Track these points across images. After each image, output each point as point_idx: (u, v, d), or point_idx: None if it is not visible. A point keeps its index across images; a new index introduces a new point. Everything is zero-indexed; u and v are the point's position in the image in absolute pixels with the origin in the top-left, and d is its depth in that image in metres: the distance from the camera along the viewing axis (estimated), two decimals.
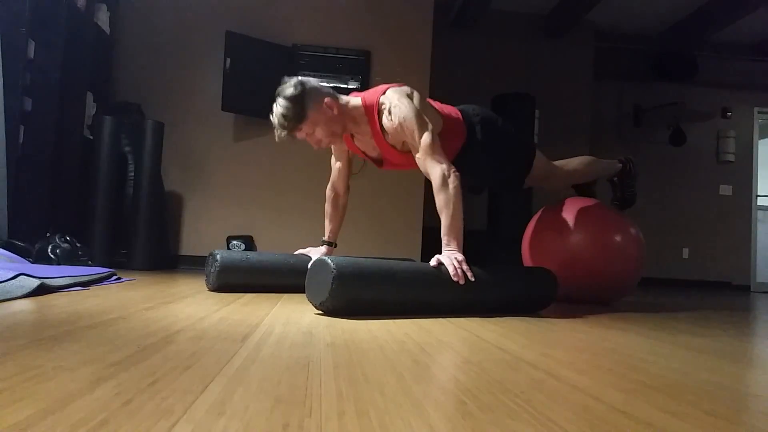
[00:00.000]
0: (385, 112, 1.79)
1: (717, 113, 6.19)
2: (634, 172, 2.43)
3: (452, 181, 1.69)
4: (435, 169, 1.71)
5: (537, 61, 5.42)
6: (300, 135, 1.81)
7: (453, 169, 1.72)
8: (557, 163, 2.27)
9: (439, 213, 1.71)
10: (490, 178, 2.31)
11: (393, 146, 1.86)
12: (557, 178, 2.28)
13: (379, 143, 1.87)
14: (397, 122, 1.77)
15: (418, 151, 1.76)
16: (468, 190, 1.84)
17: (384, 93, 1.84)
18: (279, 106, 1.74)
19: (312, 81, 1.81)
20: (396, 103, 1.78)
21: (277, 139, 1.79)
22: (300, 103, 1.73)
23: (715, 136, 6.21)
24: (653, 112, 6.00)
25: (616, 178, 2.43)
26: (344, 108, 1.83)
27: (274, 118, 1.75)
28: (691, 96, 6.04)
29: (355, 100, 1.87)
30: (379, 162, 2.02)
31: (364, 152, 2.02)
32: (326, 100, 1.77)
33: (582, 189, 2.47)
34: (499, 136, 2.07)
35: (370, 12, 4.19)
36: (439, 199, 1.70)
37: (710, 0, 5.07)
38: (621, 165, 2.41)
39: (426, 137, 1.74)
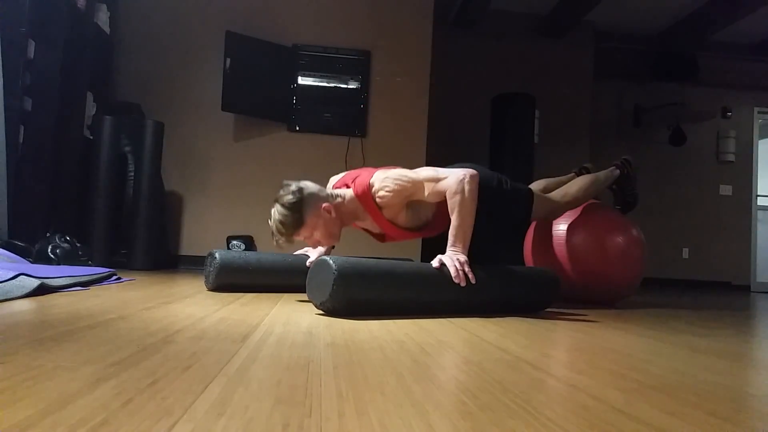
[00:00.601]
0: (379, 193, 1.80)
1: (717, 113, 6.19)
2: (633, 175, 2.42)
3: (469, 184, 1.71)
4: (449, 181, 1.74)
5: (537, 61, 5.42)
6: (299, 239, 1.82)
7: (471, 173, 1.74)
8: (555, 194, 2.22)
9: (450, 212, 1.72)
10: (491, 239, 2.29)
11: (393, 224, 1.87)
12: (560, 211, 2.25)
13: (380, 223, 1.88)
14: (393, 191, 1.78)
15: (425, 195, 1.79)
16: (472, 259, 1.81)
17: (372, 177, 1.85)
18: (277, 213, 1.74)
19: (310, 186, 1.80)
20: (384, 177, 1.81)
21: (275, 243, 1.79)
22: (298, 210, 1.73)
23: (715, 136, 6.21)
24: (653, 112, 6.00)
25: (615, 186, 2.42)
26: (341, 207, 1.84)
27: (272, 225, 1.76)
28: (691, 96, 6.04)
29: (349, 194, 1.86)
30: (380, 237, 2.02)
31: (365, 229, 2.02)
32: (324, 205, 1.78)
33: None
34: (499, 202, 2.01)
35: (370, 12, 4.19)
36: (453, 201, 1.71)
37: (710, 0, 5.07)
38: (618, 171, 2.40)
39: (424, 176, 1.79)
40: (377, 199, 1.81)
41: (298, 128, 4.06)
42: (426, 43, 4.21)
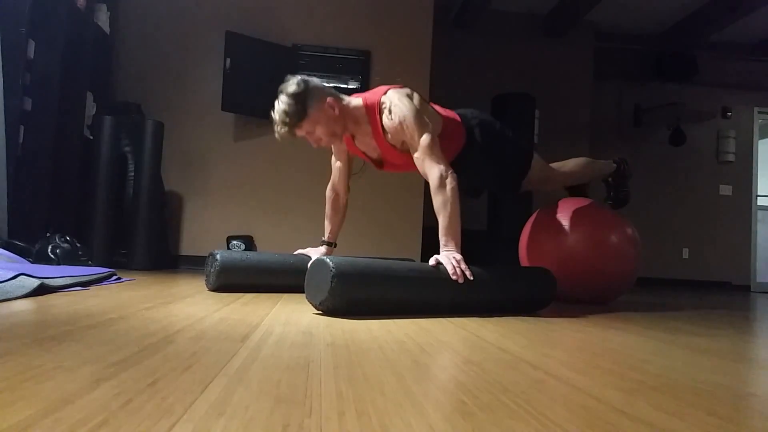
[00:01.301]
0: (386, 112, 1.80)
1: (717, 113, 6.19)
2: (628, 173, 2.45)
3: (450, 182, 1.70)
4: (433, 170, 1.72)
5: (537, 61, 5.42)
6: (300, 133, 1.82)
7: (451, 171, 1.73)
8: (553, 165, 2.28)
9: (436, 214, 1.72)
10: (489, 181, 2.33)
11: (393, 146, 1.86)
12: (554, 181, 2.30)
13: (380, 143, 1.88)
14: (397, 121, 1.78)
15: (416, 151, 1.77)
16: (465, 193, 1.84)
17: (385, 93, 1.85)
18: (281, 103, 1.74)
19: (315, 80, 1.82)
20: (396, 102, 1.79)
21: (277, 135, 1.79)
22: (302, 101, 1.73)
23: (715, 136, 6.21)
24: (653, 112, 6.00)
25: (610, 179, 2.45)
26: (346, 108, 1.84)
27: (275, 115, 1.76)
28: (691, 96, 6.04)
29: (356, 100, 1.88)
30: (379, 163, 2.03)
31: (364, 153, 2.03)
32: (328, 99, 1.78)
33: (574, 190, 2.49)
34: (497, 139, 2.08)
35: (370, 12, 4.19)
36: (437, 200, 1.71)
37: (710, 0, 5.07)
38: (615, 165, 2.42)
39: (425, 138, 1.75)
40: (384, 120, 1.80)
41: None
42: (426, 43, 4.21)
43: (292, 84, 1.76)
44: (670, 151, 6.09)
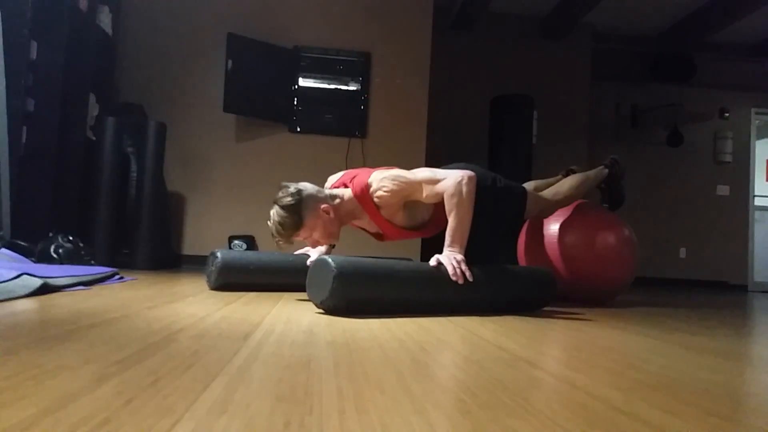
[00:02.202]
0: (377, 193, 1.81)
1: (714, 114, 6.19)
2: (621, 174, 2.44)
3: (467, 186, 1.72)
4: (446, 182, 1.75)
5: (535, 63, 5.42)
6: (298, 239, 1.83)
7: (469, 175, 1.75)
8: (547, 193, 2.24)
9: (447, 213, 1.73)
10: (489, 234, 2.28)
11: (391, 223, 1.88)
12: (551, 209, 2.26)
13: (378, 223, 1.89)
14: (391, 190, 1.78)
15: (423, 196, 1.79)
16: (470, 258, 1.82)
17: (369, 177, 1.85)
18: (276, 215, 1.75)
19: (308, 188, 1.82)
20: (381, 176, 1.82)
21: (275, 244, 1.81)
22: (297, 212, 1.74)
23: (713, 136, 6.21)
24: (651, 113, 6.00)
25: (603, 184, 2.45)
26: (340, 208, 1.85)
27: (272, 226, 1.77)
28: (688, 97, 6.05)
29: (347, 194, 1.87)
30: (378, 236, 2.03)
31: (363, 228, 2.03)
32: (323, 206, 1.79)
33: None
34: (493, 199, 2.02)
35: (370, 14, 4.19)
36: (450, 202, 1.72)
37: (708, 1, 5.07)
38: (607, 171, 2.42)
39: (421, 176, 1.79)
40: (375, 199, 1.82)
41: (299, 129, 4.07)
42: (425, 45, 4.22)
43: (286, 196, 1.76)
44: (668, 152, 6.09)
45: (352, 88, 4.09)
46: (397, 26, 4.21)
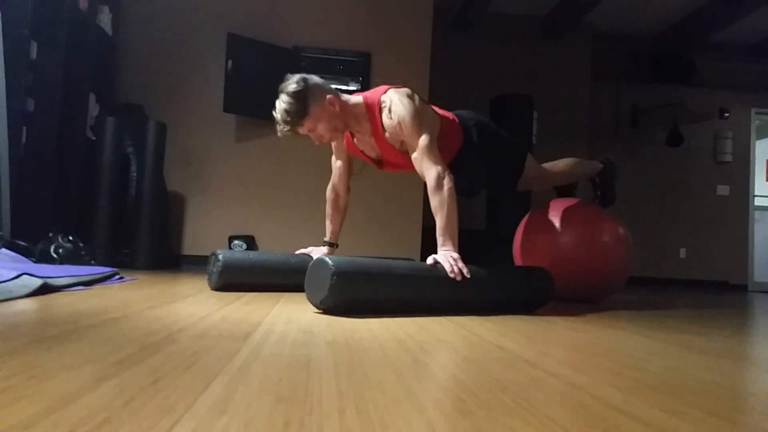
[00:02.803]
0: (386, 111, 1.81)
1: (714, 114, 6.19)
2: (614, 173, 2.48)
3: (447, 183, 1.71)
4: (430, 171, 1.73)
5: (535, 63, 5.42)
6: (302, 131, 1.83)
7: (448, 171, 1.75)
8: (545, 165, 2.31)
9: (434, 214, 1.73)
10: (485, 180, 2.35)
11: (392, 145, 1.87)
12: (546, 180, 2.33)
13: (379, 142, 1.88)
14: (396, 121, 1.78)
15: (415, 151, 1.78)
16: (462, 193, 1.85)
17: (385, 92, 1.86)
18: (282, 102, 1.75)
19: (315, 78, 1.83)
20: (396, 102, 1.80)
21: (279, 134, 1.80)
22: (302, 99, 1.74)
23: (713, 136, 6.21)
24: (651, 113, 6.00)
25: (597, 178, 2.47)
26: (346, 105, 1.85)
27: (277, 114, 1.76)
28: (688, 97, 6.04)
29: (356, 98, 1.89)
30: (378, 163, 2.03)
31: (363, 152, 2.03)
32: (328, 96, 1.79)
33: (563, 190, 2.52)
34: (493, 140, 2.10)
35: (370, 14, 4.20)
36: (434, 201, 1.72)
37: (708, 1, 5.07)
38: (602, 165, 2.45)
39: (423, 138, 1.76)
40: (383, 119, 1.81)
41: None
42: (425, 44, 4.22)
43: (292, 83, 1.77)
44: (668, 152, 6.09)
45: (352, 88, 4.09)
46: (397, 26, 4.21)
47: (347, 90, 4.09)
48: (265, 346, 0.92)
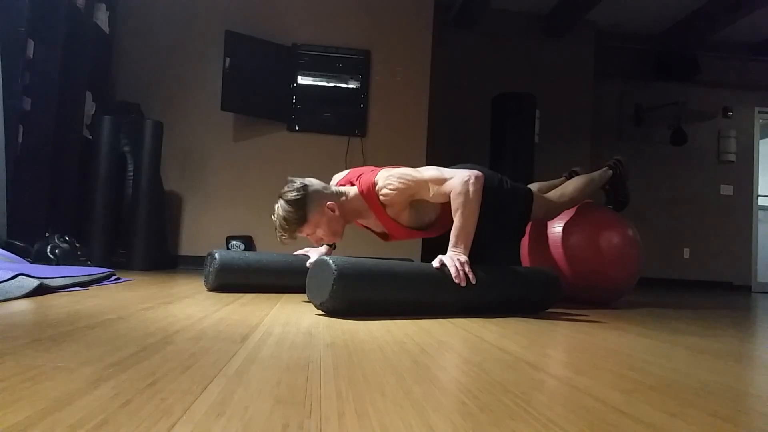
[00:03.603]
0: (382, 191, 1.80)
1: (718, 113, 6.19)
2: (625, 175, 2.43)
3: (473, 185, 1.72)
4: (453, 182, 1.74)
5: (538, 61, 5.41)
6: (302, 235, 1.82)
7: (476, 174, 1.74)
8: (552, 195, 2.23)
9: (453, 213, 1.72)
10: (492, 239, 2.26)
11: (396, 222, 1.87)
12: (555, 211, 2.25)
13: (384, 222, 1.88)
14: (396, 188, 1.77)
15: (431, 192, 1.78)
16: (473, 257, 1.81)
17: (376, 176, 1.84)
18: (281, 210, 1.74)
19: (315, 184, 1.80)
20: (387, 174, 1.81)
21: (278, 239, 1.79)
22: (302, 207, 1.73)
23: (716, 135, 6.21)
24: (654, 111, 6.00)
25: (608, 186, 2.43)
26: (345, 206, 1.83)
27: (276, 220, 1.76)
28: (692, 95, 6.04)
29: (353, 191, 1.86)
30: (383, 236, 2.02)
31: (369, 228, 2.02)
32: (328, 203, 1.77)
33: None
34: (499, 201, 2.01)
35: (370, 11, 4.19)
36: (456, 202, 1.71)
37: (711, 0, 5.07)
38: (611, 172, 2.40)
39: (428, 176, 1.78)
40: (381, 197, 1.80)
41: (297, 128, 4.06)
42: (426, 42, 4.21)
43: (292, 190, 1.75)
44: (671, 151, 6.09)
45: (351, 86, 4.08)
46: (398, 23, 4.21)
47: (347, 88, 4.09)
48: (264, 348, 0.92)
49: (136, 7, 3.99)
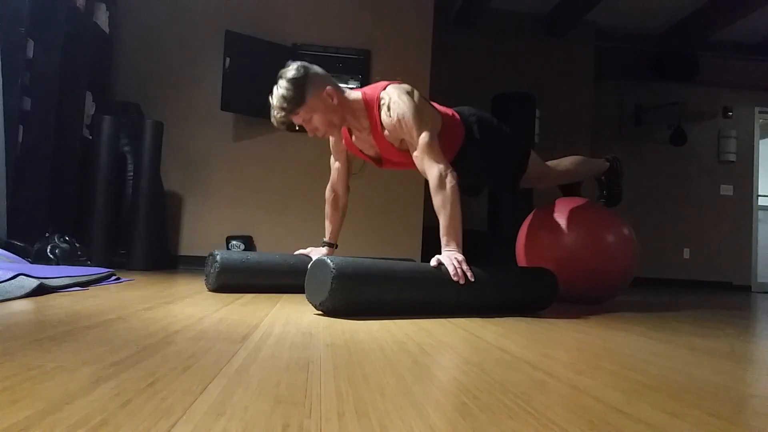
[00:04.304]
0: (384, 108, 1.78)
1: (718, 113, 6.19)
2: (621, 171, 2.45)
3: (449, 181, 1.69)
4: (432, 169, 1.71)
5: (537, 61, 5.41)
6: (297, 120, 1.79)
7: (450, 169, 1.72)
8: (549, 163, 2.27)
9: (437, 213, 1.71)
10: (488, 178, 2.31)
11: (391, 143, 1.85)
12: (550, 178, 2.29)
13: (377, 139, 1.86)
14: (395, 118, 1.76)
15: (416, 150, 1.76)
16: (464, 192, 1.83)
17: (384, 89, 1.83)
18: (279, 88, 1.73)
19: (316, 67, 1.80)
20: (396, 99, 1.77)
21: (273, 120, 1.77)
22: (301, 86, 1.72)
23: (716, 135, 6.21)
24: (654, 111, 6.00)
25: (603, 177, 2.44)
26: (344, 99, 1.82)
27: (273, 99, 1.74)
28: (692, 96, 6.04)
29: (355, 93, 1.86)
30: (378, 161, 2.01)
31: (361, 151, 2.01)
32: (327, 87, 1.76)
33: (568, 189, 2.49)
34: (495, 136, 2.07)
35: (370, 11, 4.19)
36: (437, 200, 1.70)
37: (711, 0, 5.07)
38: (608, 164, 2.42)
39: (424, 136, 1.74)
40: (382, 116, 1.79)
41: (297, 128, 4.05)
42: (426, 42, 4.21)
43: (291, 69, 1.74)
44: (671, 151, 6.09)
45: (351, 86, 4.08)
46: (398, 23, 4.21)
47: (347, 88, 4.09)
48: (264, 348, 0.92)
49: (136, 7, 3.99)
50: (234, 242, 3.84)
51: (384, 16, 4.20)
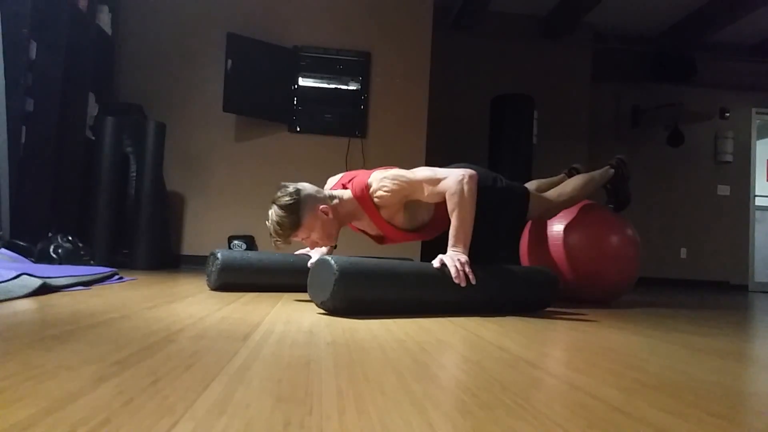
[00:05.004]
0: (377, 192, 1.80)
1: (715, 114, 6.19)
2: (627, 175, 2.41)
3: (468, 184, 1.71)
4: (448, 182, 1.73)
5: (536, 63, 5.42)
6: (296, 239, 1.82)
7: (470, 173, 1.73)
8: (551, 194, 2.21)
9: (449, 213, 1.72)
10: (488, 241, 2.25)
11: (390, 223, 1.87)
12: (554, 211, 2.23)
13: (379, 224, 1.88)
14: (391, 187, 1.77)
15: (426, 192, 1.78)
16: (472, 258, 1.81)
17: (369, 176, 1.85)
18: (275, 215, 1.74)
19: (307, 188, 1.81)
20: (382, 176, 1.81)
21: (273, 244, 1.80)
22: (295, 212, 1.74)
23: (713, 136, 6.21)
24: (651, 112, 6.00)
25: (609, 185, 2.41)
26: (339, 209, 1.84)
27: (270, 226, 1.76)
28: (689, 97, 6.05)
29: (346, 194, 1.87)
30: (379, 239, 2.01)
31: (364, 231, 2.02)
32: (321, 207, 1.78)
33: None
34: (494, 200, 1.99)
35: (370, 14, 4.19)
36: (452, 201, 1.71)
37: (708, 1, 5.07)
38: (613, 171, 2.38)
39: (423, 174, 1.78)
40: (375, 199, 1.81)
41: (298, 129, 4.07)
42: (425, 44, 4.22)
43: (285, 196, 1.76)
44: (669, 152, 6.10)
45: (352, 87, 4.09)
46: (397, 25, 4.21)
47: (347, 90, 4.10)
48: (265, 347, 0.92)
49: (139, 9, 4.00)
50: (236, 242, 3.84)
51: (384, 18, 4.20)
